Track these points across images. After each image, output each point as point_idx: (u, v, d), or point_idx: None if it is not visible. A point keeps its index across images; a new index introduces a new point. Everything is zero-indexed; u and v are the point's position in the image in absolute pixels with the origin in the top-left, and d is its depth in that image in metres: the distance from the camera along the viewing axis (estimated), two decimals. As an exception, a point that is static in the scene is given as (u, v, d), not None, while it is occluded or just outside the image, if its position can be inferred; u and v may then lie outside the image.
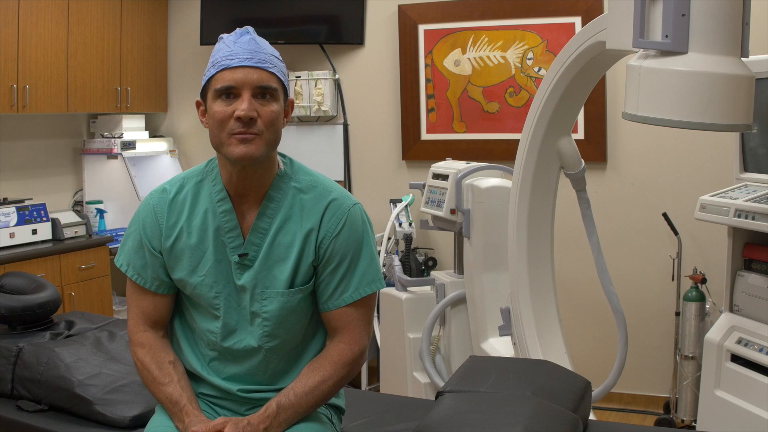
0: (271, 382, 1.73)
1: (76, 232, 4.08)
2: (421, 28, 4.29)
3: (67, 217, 4.11)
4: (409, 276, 3.78)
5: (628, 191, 3.97)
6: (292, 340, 1.73)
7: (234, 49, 1.61)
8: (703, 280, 3.52)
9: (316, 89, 4.44)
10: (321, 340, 1.77)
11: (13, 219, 3.76)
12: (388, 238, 3.99)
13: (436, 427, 1.65)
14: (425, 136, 4.37)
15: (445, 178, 3.40)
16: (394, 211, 4.04)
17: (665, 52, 1.75)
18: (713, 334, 2.79)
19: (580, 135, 3.97)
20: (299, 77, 4.44)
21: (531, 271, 2.58)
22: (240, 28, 1.65)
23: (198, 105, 1.68)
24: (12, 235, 3.74)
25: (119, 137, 4.46)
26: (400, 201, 4.12)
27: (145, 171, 4.62)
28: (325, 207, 1.69)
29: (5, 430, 2.23)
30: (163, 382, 1.68)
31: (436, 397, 1.84)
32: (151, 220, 1.72)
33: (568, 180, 2.55)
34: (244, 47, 1.61)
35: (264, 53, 1.62)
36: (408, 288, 3.59)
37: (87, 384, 2.22)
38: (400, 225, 4.01)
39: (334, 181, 1.78)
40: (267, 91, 1.61)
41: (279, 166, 1.72)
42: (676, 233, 3.67)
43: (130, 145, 4.46)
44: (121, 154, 4.41)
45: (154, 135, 4.87)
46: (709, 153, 3.69)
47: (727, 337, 2.74)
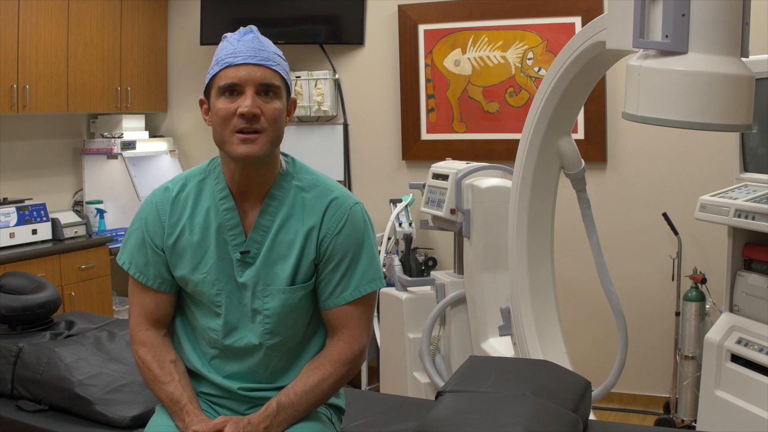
0: (271, 380, 1.74)
1: (76, 232, 4.08)
2: (421, 28, 4.29)
3: (67, 217, 4.11)
4: (409, 276, 3.78)
5: (628, 191, 3.97)
6: (293, 337, 1.73)
7: (238, 47, 1.62)
8: (703, 280, 3.52)
9: (316, 89, 4.44)
10: (321, 338, 1.77)
11: (13, 219, 3.76)
12: (388, 238, 3.99)
13: (436, 427, 1.65)
14: (425, 136, 4.37)
15: (445, 178, 3.40)
16: (394, 211, 4.04)
17: (665, 52, 1.75)
18: (713, 334, 2.79)
19: (580, 135, 3.97)
20: (299, 77, 4.44)
21: (531, 271, 2.58)
22: (244, 27, 1.67)
23: (201, 103, 1.70)
24: (12, 235, 3.74)
25: (119, 137, 4.46)
26: (400, 201, 4.12)
27: (145, 171, 4.62)
28: (326, 205, 1.70)
29: (5, 430, 2.23)
30: (164, 381, 1.68)
31: (436, 397, 1.84)
32: (153, 217, 1.72)
33: (568, 180, 2.55)
34: (248, 45, 1.62)
35: (267, 51, 1.63)
36: (408, 288, 3.59)
37: (87, 384, 2.22)
38: (400, 225, 4.00)
39: (336, 181, 1.79)
40: (270, 89, 1.62)
41: (281, 164, 1.73)
42: (676, 233, 3.67)
43: (130, 145, 4.46)
44: (121, 154, 4.41)
45: (154, 135, 4.87)
46: (709, 153, 3.69)
47: (727, 337, 2.74)
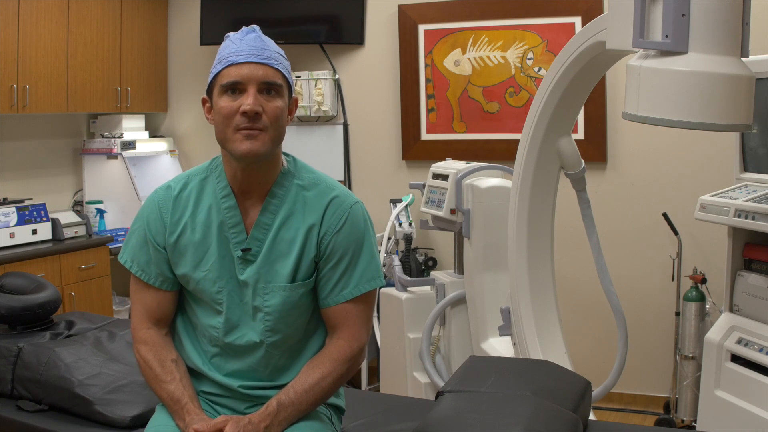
0: (271, 378, 1.74)
1: (76, 232, 4.08)
2: (421, 28, 4.29)
3: (67, 217, 4.10)
4: (409, 276, 3.78)
5: (628, 191, 3.97)
6: (294, 335, 1.74)
7: (240, 46, 1.63)
8: (703, 280, 3.52)
9: (316, 89, 4.44)
10: (321, 337, 1.78)
11: (13, 219, 3.76)
12: (388, 238, 3.99)
13: (436, 427, 1.65)
14: (425, 136, 4.37)
15: (445, 178, 3.40)
16: (394, 211, 4.04)
17: (665, 52, 1.75)
18: (713, 334, 2.79)
19: (580, 135, 3.97)
20: (299, 77, 4.44)
21: (531, 271, 2.58)
22: (246, 27, 1.68)
23: (204, 102, 1.71)
24: (12, 235, 3.74)
25: (119, 137, 4.46)
26: (400, 201, 4.12)
27: (145, 171, 4.62)
28: (327, 204, 1.71)
29: (5, 430, 2.23)
30: (165, 380, 1.69)
31: (436, 397, 1.84)
32: (155, 216, 1.73)
33: (568, 180, 2.55)
34: (251, 44, 1.64)
35: (269, 50, 1.65)
36: (408, 288, 3.59)
37: (87, 384, 2.22)
38: (400, 225, 4.00)
39: (337, 181, 1.80)
40: (272, 87, 1.63)
41: (283, 164, 1.74)
42: (676, 233, 3.67)
43: (130, 145, 4.46)
44: (121, 154, 4.41)
45: (154, 135, 4.87)
46: (709, 153, 3.69)
47: (727, 337, 2.74)
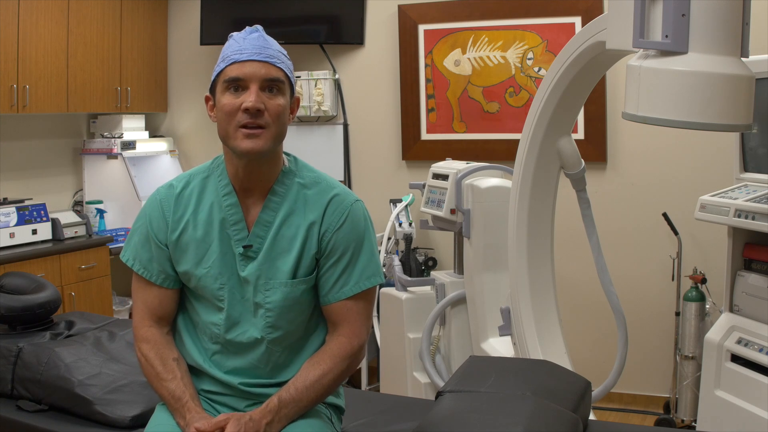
0: (272, 375, 1.75)
1: (76, 232, 4.08)
2: (421, 28, 4.29)
3: (67, 217, 4.10)
4: (409, 276, 3.78)
5: (628, 191, 3.97)
6: (295, 332, 1.75)
7: (243, 44, 1.66)
8: (703, 280, 3.52)
9: (316, 89, 4.44)
10: (322, 335, 1.79)
11: (13, 219, 3.76)
12: (388, 238, 3.99)
13: (436, 427, 1.65)
14: (425, 136, 4.37)
15: (445, 178, 3.40)
16: (394, 211, 4.04)
17: (665, 52, 1.75)
18: (713, 334, 2.79)
19: (580, 135, 3.97)
20: (299, 77, 4.43)
21: (531, 271, 2.58)
22: (250, 27, 1.71)
23: (207, 100, 1.73)
24: (12, 235, 3.74)
25: (119, 137, 4.46)
26: (400, 201, 4.12)
27: (145, 171, 4.62)
28: (327, 201, 1.73)
29: (5, 430, 2.23)
30: (166, 378, 1.70)
31: (436, 397, 1.84)
32: (157, 213, 1.75)
33: (568, 180, 2.55)
34: (254, 43, 1.66)
35: (272, 49, 1.68)
36: (408, 288, 3.59)
37: (87, 384, 2.22)
38: (400, 225, 4.00)
39: (337, 180, 1.81)
40: (274, 85, 1.65)
41: (284, 162, 1.76)
42: (676, 233, 3.67)
43: (130, 145, 4.46)
44: (121, 154, 4.41)
45: (154, 135, 4.87)
46: (709, 153, 3.69)
47: (727, 337, 2.74)
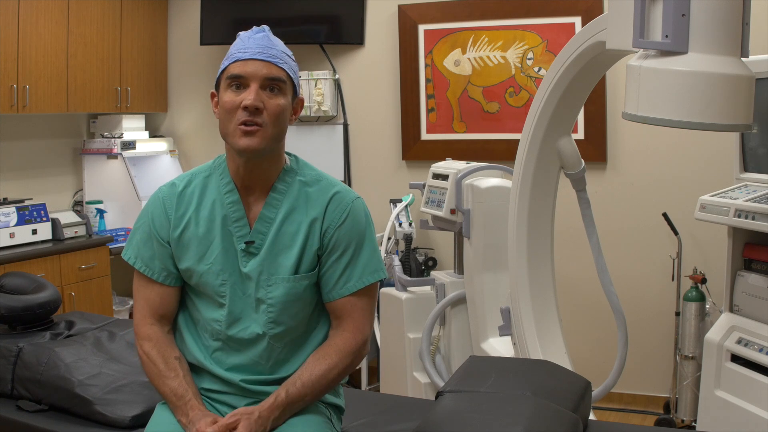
0: (273, 371, 1.75)
1: (76, 232, 4.08)
2: (421, 28, 4.29)
3: (67, 217, 4.10)
4: (409, 276, 3.78)
5: (628, 191, 3.97)
6: (296, 328, 1.75)
7: (248, 43, 1.68)
8: (703, 280, 3.52)
9: (316, 89, 4.44)
10: (323, 331, 1.80)
11: (13, 219, 3.76)
12: (388, 238, 3.99)
13: (436, 427, 1.65)
14: (425, 136, 4.37)
15: (445, 178, 3.40)
16: (394, 211, 4.04)
17: (665, 52, 1.75)
18: (713, 334, 2.79)
19: (580, 135, 3.97)
20: (299, 77, 4.43)
21: (531, 271, 2.58)
22: (257, 26, 1.73)
23: (212, 96, 1.75)
24: (12, 235, 3.74)
25: (119, 137, 4.46)
26: (400, 201, 4.12)
27: (145, 171, 4.62)
28: (329, 199, 1.75)
29: (5, 430, 2.23)
30: (168, 376, 1.70)
31: (436, 397, 1.84)
32: (160, 211, 1.76)
33: (568, 180, 2.55)
34: (258, 42, 1.68)
35: (276, 49, 1.70)
36: (408, 288, 3.59)
37: (87, 384, 2.22)
38: (400, 225, 4.00)
39: (338, 179, 1.82)
40: (275, 84, 1.67)
41: (285, 161, 1.78)
42: (676, 233, 3.67)
43: (130, 145, 4.46)
44: (121, 154, 4.41)
45: (154, 135, 4.87)
46: (709, 153, 3.69)
47: (727, 337, 2.74)
